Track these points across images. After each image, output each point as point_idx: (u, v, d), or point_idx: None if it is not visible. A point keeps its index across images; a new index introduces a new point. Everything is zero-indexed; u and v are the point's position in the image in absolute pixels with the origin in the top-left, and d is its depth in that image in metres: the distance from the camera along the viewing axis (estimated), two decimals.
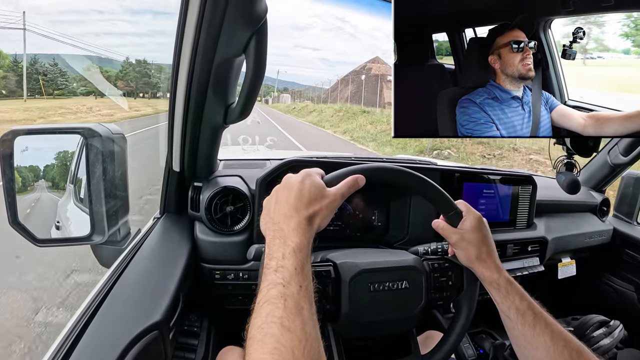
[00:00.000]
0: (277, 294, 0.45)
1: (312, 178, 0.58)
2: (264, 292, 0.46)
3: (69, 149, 0.82)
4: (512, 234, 1.23)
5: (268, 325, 0.42)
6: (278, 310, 0.43)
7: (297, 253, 0.49)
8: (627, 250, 1.58)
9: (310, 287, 0.48)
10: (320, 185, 0.58)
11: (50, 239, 0.86)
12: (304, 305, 0.45)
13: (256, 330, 0.42)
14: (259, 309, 0.44)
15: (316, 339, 0.42)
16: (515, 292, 0.63)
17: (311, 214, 0.54)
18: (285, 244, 0.51)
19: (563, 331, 0.59)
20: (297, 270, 0.48)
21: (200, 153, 0.91)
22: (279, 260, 0.49)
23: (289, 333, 0.41)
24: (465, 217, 0.69)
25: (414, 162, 1.28)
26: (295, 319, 0.42)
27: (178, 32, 0.69)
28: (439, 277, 0.75)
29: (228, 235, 0.90)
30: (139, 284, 0.69)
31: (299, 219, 0.53)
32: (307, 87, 44.87)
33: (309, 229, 0.53)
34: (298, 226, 0.52)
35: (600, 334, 1.31)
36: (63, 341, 0.54)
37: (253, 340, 0.41)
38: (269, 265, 0.49)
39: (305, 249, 0.51)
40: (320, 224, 0.56)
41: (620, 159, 1.54)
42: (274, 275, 0.47)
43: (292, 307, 0.44)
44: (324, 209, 0.56)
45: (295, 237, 0.51)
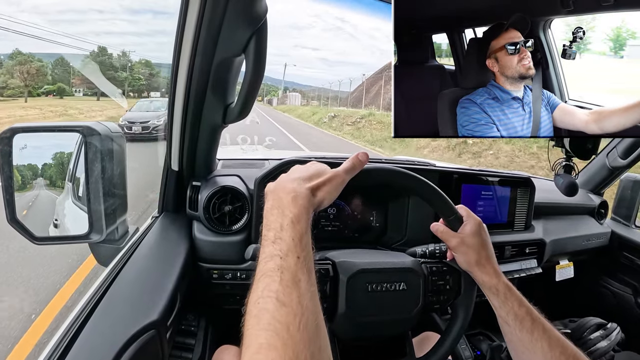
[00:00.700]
0: (274, 267, 0.44)
1: (319, 164, 0.60)
2: (262, 265, 0.46)
3: (67, 147, 0.82)
4: (510, 235, 1.23)
5: (264, 299, 0.41)
6: (274, 283, 0.42)
7: (295, 224, 0.49)
8: (624, 253, 1.59)
9: (310, 257, 0.48)
10: (324, 166, 0.59)
11: (48, 237, 0.86)
12: (301, 277, 0.44)
13: (252, 305, 0.41)
14: (257, 282, 0.44)
15: (313, 312, 0.42)
16: (514, 297, 0.64)
17: (313, 186, 0.54)
18: (284, 214, 0.50)
19: (561, 337, 0.60)
20: (295, 242, 0.47)
21: (199, 152, 0.91)
22: (277, 232, 0.48)
23: (284, 308, 0.40)
24: (466, 222, 0.69)
25: (412, 163, 1.28)
26: (291, 292, 0.42)
27: (178, 31, 0.69)
28: (437, 281, 0.75)
29: (226, 235, 0.90)
30: (136, 282, 0.69)
31: (300, 191, 0.53)
32: (310, 87, 41.81)
33: (309, 200, 0.53)
34: (297, 197, 0.52)
35: (598, 336, 1.31)
36: (60, 339, 0.54)
37: (250, 315, 0.41)
38: (266, 236, 0.49)
39: (304, 220, 0.50)
40: (323, 199, 0.55)
41: (618, 161, 1.54)
42: (272, 247, 0.47)
43: (289, 280, 0.43)
44: (327, 184, 0.56)
45: (294, 208, 0.51)
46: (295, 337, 0.38)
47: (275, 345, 0.36)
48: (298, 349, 0.37)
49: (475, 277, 0.68)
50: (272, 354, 0.36)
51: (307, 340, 0.38)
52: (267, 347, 0.37)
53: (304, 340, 0.38)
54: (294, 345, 0.37)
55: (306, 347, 0.37)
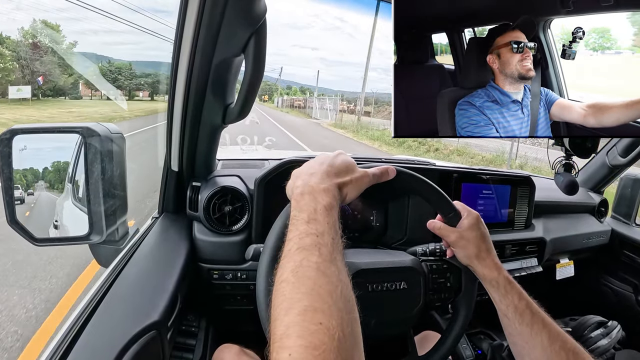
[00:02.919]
0: (312, 243, 0.45)
1: (346, 156, 0.61)
2: (296, 240, 0.46)
3: (66, 147, 0.82)
4: (511, 234, 1.23)
5: (304, 268, 0.41)
6: (313, 256, 0.43)
7: (328, 210, 0.50)
8: (625, 251, 1.59)
9: (340, 243, 0.49)
10: (352, 161, 0.60)
11: (48, 238, 0.86)
12: (337, 257, 0.45)
13: (289, 273, 0.42)
14: (292, 255, 0.44)
15: (350, 288, 0.43)
16: (514, 291, 0.64)
17: (340, 183, 0.56)
18: (316, 200, 0.51)
19: (560, 332, 0.59)
20: (330, 225, 0.48)
21: (198, 153, 0.91)
22: (310, 214, 0.49)
23: (325, 277, 0.41)
24: (464, 217, 0.70)
25: (412, 162, 1.28)
26: (330, 266, 0.43)
27: (177, 31, 0.69)
28: (437, 279, 0.75)
29: (226, 235, 0.90)
30: (137, 283, 0.69)
31: (330, 184, 0.54)
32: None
33: (337, 194, 0.54)
34: (328, 189, 0.53)
35: (598, 334, 1.31)
36: (61, 340, 0.54)
37: (287, 283, 0.41)
38: (297, 217, 0.49)
39: (335, 209, 0.51)
40: (348, 195, 0.57)
41: (618, 160, 1.54)
42: (306, 226, 0.47)
43: (327, 255, 0.44)
44: (353, 182, 0.57)
45: (326, 197, 0.52)
46: (339, 304, 0.39)
47: (322, 309, 0.37)
48: (341, 315, 0.37)
49: (475, 270, 0.68)
50: (318, 315, 0.36)
51: (347, 310, 0.39)
52: (312, 309, 0.37)
53: (345, 308, 0.39)
54: (338, 311, 0.38)
55: (347, 315, 0.38)
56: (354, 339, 0.38)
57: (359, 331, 0.40)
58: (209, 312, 0.97)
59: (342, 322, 0.36)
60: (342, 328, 0.36)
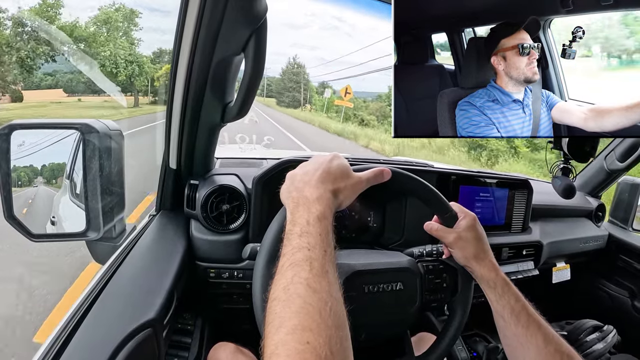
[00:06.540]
0: (303, 257, 0.45)
1: (341, 160, 0.60)
2: (288, 256, 0.46)
3: (65, 145, 0.82)
4: (507, 237, 1.23)
5: (295, 285, 0.42)
6: (304, 272, 0.43)
7: (321, 220, 0.50)
8: (621, 256, 1.59)
9: (333, 253, 0.49)
10: (347, 166, 0.60)
11: (45, 234, 0.85)
12: (328, 269, 0.45)
13: (281, 291, 0.42)
14: (284, 271, 0.45)
15: (340, 303, 0.43)
16: (510, 292, 0.64)
17: (336, 189, 0.56)
18: (309, 211, 0.51)
19: (555, 335, 0.60)
20: (322, 237, 0.48)
21: (197, 151, 0.91)
22: (303, 226, 0.49)
23: (315, 294, 0.41)
24: (461, 218, 0.70)
25: (410, 164, 1.28)
26: (321, 281, 0.43)
27: (177, 29, 0.69)
28: (434, 279, 0.75)
29: (224, 234, 0.90)
30: (133, 281, 0.69)
31: (324, 191, 0.54)
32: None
33: (332, 201, 0.54)
34: (322, 197, 0.53)
35: (594, 338, 1.32)
36: (56, 337, 0.53)
37: (278, 301, 0.41)
38: (292, 230, 0.50)
39: (329, 218, 0.52)
40: (343, 201, 0.57)
41: (616, 164, 1.54)
42: (299, 239, 0.48)
43: (318, 269, 0.44)
44: (348, 188, 0.57)
45: (319, 206, 0.52)
46: (327, 322, 0.39)
47: (310, 327, 0.37)
48: (330, 333, 0.38)
49: (473, 271, 0.68)
50: (306, 334, 0.37)
51: (336, 326, 0.39)
52: (301, 328, 0.37)
53: (335, 325, 0.39)
54: (327, 329, 0.38)
55: (336, 332, 0.38)
56: (343, 355, 0.38)
57: (349, 346, 0.40)
58: (205, 311, 0.97)
59: (329, 341, 0.37)
60: (329, 346, 0.36)
